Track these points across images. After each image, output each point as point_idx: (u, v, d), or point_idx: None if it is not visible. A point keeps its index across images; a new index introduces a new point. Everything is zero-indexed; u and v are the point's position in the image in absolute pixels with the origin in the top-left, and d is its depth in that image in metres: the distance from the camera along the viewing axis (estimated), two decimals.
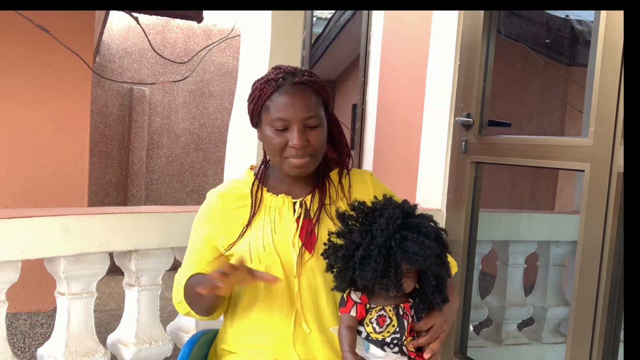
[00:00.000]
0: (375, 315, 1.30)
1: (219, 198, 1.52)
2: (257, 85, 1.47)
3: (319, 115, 1.44)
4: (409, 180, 2.83)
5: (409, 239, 1.23)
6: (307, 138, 1.42)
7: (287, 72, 1.46)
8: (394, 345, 1.30)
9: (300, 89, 1.43)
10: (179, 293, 1.49)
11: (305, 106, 1.42)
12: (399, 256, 1.23)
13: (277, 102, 1.42)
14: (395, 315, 1.30)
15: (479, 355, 2.69)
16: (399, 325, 1.30)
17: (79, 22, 4.14)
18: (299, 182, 1.52)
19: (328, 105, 1.51)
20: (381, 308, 1.30)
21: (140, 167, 6.02)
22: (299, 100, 1.42)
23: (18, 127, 4.05)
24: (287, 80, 1.44)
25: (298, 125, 1.41)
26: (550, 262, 3.02)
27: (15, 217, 1.73)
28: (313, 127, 1.43)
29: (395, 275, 1.23)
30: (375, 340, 1.30)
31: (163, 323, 2.15)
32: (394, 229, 1.25)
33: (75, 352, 1.92)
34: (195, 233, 1.54)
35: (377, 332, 1.30)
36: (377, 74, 3.21)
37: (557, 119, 5.20)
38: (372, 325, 1.30)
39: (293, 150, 1.42)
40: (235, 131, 2.35)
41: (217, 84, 6.39)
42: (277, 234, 1.45)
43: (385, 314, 1.30)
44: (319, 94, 1.47)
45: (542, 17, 4.69)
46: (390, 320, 1.30)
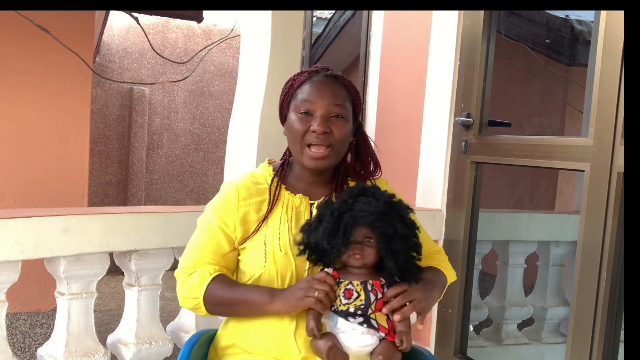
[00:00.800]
0: (343, 289, 1.34)
1: (234, 191, 1.49)
2: (291, 77, 1.52)
3: (345, 107, 1.46)
4: (409, 180, 2.83)
5: (360, 201, 1.32)
6: (329, 127, 1.43)
7: (324, 68, 1.52)
8: (357, 316, 1.32)
9: (331, 80, 1.48)
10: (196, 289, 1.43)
11: (332, 94, 1.45)
12: (347, 215, 1.31)
13: (306, 89, 1.46)
14: (363, 290, 1.33)
15: (479, 355, 2.69)
16: (366, 299, 1.32)
17: (79, 22, 4.14)
18: (316, 183, 1.52)
19: (358, 108, 1.52)
20: (349, 282, 1.34)
21: (140, 167, 6.02)
22: (328, 88, 1.45)
23: (18, 127, 4.05)
24: (320, 73, 1.49)
25: (322, 111, 1.43)
26: (550, 262, 3.02)
27: (15, 217, 1.73)
28: (337, 117, 1.44)
29: (343, 234, 1.30)
30: (340, 311, 1.33)
31: (163, 323, 2.15)
32: (350, 196, 1.34)
33: (75, 352, 1.92)
34: (209, 222, 1.49)
35: (342, 304, 1.33)
36: (377, 74, 3.21)
37: (557, 119, 5.20)
38: (340, 298, 1.34)
39: (314, 135, 1.42)
40: (235, 131, 2.35)
41: (217, 84, 6.39)
42: (294, 234, 1.44)
43: (353, 288, 1.34)
44: (349, 91, 1.50)
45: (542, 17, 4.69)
46: (358, 294, 1.33)
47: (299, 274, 1.43)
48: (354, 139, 1.56)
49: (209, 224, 1.49)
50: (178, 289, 1.49)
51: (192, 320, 2.17)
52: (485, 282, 3.97)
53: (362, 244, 1.33)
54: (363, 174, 1.58)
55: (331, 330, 1.35)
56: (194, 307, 1.46)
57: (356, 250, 1.33)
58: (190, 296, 1.45)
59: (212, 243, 1.48)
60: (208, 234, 1.49)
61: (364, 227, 1.32)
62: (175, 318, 2.26)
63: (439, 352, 2.59)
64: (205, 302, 1.43)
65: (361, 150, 1.58)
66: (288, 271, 1.43)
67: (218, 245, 1.47)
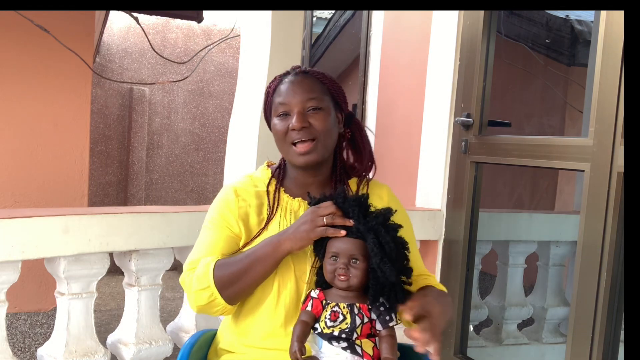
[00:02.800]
0: (330, 311, 1.31)
1: (233, 193, 1.49)
2: (269, 84, 1.53)
3: (321, 99, 1.45)
4: (409, 180, 2.83)
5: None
6: (307, 121, 1.43)
7: (293, 68, 1.52)
8: (342, 340, 1.28)
9: (301, 76, 1.48)
10: (205, 278, 1.39)
11: (304, 90, 1.44)
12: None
13: (280, 91, 1.47)
14: (350, 313, 1.29)
15: (479, 355, 2.69)
16: (351, 322, 1.29)
17: (79, 22, 4.14)
18: (314, 184, 1.51)
19: (339, 98, 1.51)
20: (335, 304, 1.31)
21: (140, 167, 6.02)
22: (299, 86, 1.45)
23: (18, 127, 4.05)
24: (291, 73, 1.50)
25: (298, 108, 1.43)
26: (550, 262, 3.02)
27: (15, 217, 1.73)
28: (314, 109, 1.44)
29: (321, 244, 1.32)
30: (324, 334, 1.30)
31: (163, 323, 2.15)
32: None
33: (75, 352, 1.92)
34: (210, 222, 1.48)
35: (327, 327, 1.30)
36: (377, 74, 3.21)
37: (557, 119, 5.20)
38: (325, 320, 1.30)
39: (294, 132, 1.42)
40: (235, 131, 2.35)
41: (217, 84, 6.39)
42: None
43: (339, 310, 1.30)
44: (325, 83, 1.49)
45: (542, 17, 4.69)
46: (344, 317, 1.29)
47: (299, 276, 1.43)
48: (348, 130, 1.55)
49: (211, 223, 1.49)
50: (187, 291, 1.44)
51: (192, 320, 2.17)
52: (485, 282, 3.97)
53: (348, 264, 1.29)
54: (361, 169, 1.56)
55: (316, 354, 1.31)
56: (209, 299, 1.40)
57: (341, 271, 1.29)
58: (201, 287, 1.39)
59: (215, 240, 1.46)
60: (211, 231, 1.48)
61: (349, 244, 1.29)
62: (175, 318, 2.26)
63: None
64: (218, 286, 1.38)
65: (357, 140, 1.56)
66: (287, 276, 1.42)
67: (221, 242, 1.46)
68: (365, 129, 1.59)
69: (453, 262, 2.49)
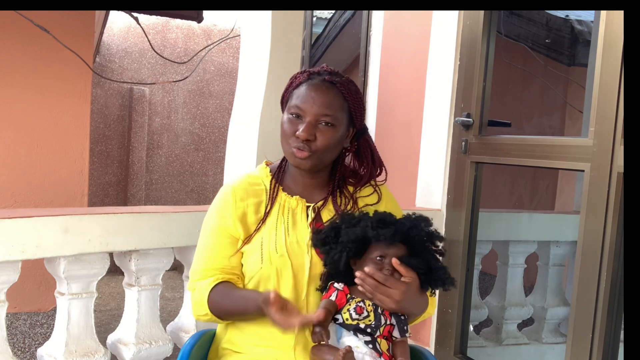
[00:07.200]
0: (354, 305, 1.32)
1: (231, 192, 1.50)
2: (294, 74, 1.51)
3: (336, 117, 1.43)
4: (409, 180, 2.83)
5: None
6: (314, 134, 1.42)
7: (326, 71, 1.49)
8: (366, 334, 1.30)
9: (327, 86, 1.45)
10: (202, 306, 1.46)
11: (324, 103, 1.42)
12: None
13: (301, 91, 1.45)
14: (374, 312, 1.32)
15: (479, 355, 2.69)
16: (376, 320, 1.31)
17: (79, 22, 4.14)
18: (312, 185, 1.52)
19: (356, 115, 1.49)
20: (361, 300, 1.33)
21: (140, 167, 6.02)
22: (320, 95, 1.43)
23: (18, 126, 4.05)
24: (321, 76, 1.46)
25: (310, 118, 1.42)
26: (550, 262, 3.02)
27: (15, 217, 1.73)
28: (326, 125, 1.42)
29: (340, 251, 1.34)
30: (349, 325, 1.31)
31: (163, 323, 2.15)
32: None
33: (75, 352, 1.92)
34: (210, 227, 1.51)
35: (352, 319, 1.31)
36: (377, 74, 3.21)
37: (557, 119, 5.20)
38: (349, 312, 1.31)
39: (298, 140, 1.42)
40: (235, 131, 2.35)
41: (217, 84, 6.39)
42: (290, 236, 1.44)
43: (364, 306, 1.32)
44: (346, 100, 1.46)
45: (542, 17, 4.69)
46: (368, 313, 1.31)
47: (297, 274, 1.43)
48: (355, 144, 1.56)
49: (210, 228, 1.51)
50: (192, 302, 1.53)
51: (192, 320, 2.16)
52: (485, 282, 3.97)
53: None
54: (361, 178, 1.57)
55: (332, 343, 1.32)
56: (211, 320, 1.49)
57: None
58: (200, 313, 1.49)
59: (215, 246, 1.49)
60: (211, 237, 1.50)
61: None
62: (175, 318, 2.26)
63: (439, 352, 2.59)
64: (215, 314, 1.46)
65: (361, 154, 1.57)
66: (285, 272, 1.43)
67: (222, 247, 1.48)
68: (373, 146, 1.59)
69: (453, 262, 2.49)
